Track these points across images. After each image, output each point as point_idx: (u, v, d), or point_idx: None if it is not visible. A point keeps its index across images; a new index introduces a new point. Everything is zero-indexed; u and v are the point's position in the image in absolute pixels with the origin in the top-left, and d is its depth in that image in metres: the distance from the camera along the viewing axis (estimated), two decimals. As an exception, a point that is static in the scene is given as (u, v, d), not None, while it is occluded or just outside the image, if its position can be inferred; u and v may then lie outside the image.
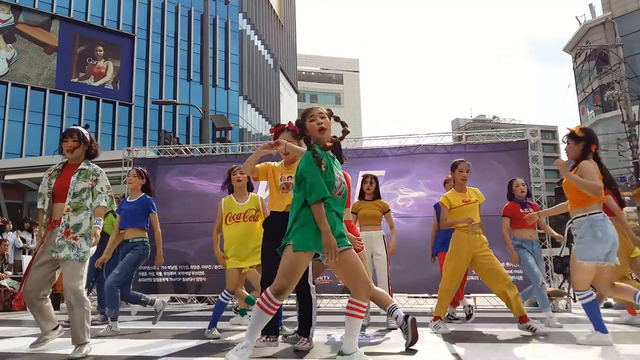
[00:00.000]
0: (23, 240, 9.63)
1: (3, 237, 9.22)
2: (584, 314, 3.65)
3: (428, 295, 7.44)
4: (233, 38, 39.60)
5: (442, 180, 6.17)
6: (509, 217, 5.02)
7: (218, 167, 8.02)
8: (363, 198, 5.34)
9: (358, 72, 79.52)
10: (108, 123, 33.61)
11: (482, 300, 7.19)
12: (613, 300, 6.76)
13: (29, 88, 30.65)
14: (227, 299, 4.45)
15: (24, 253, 9.39)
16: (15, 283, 7.64)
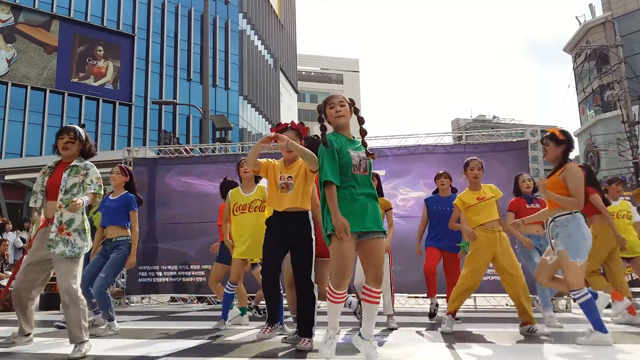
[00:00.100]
0: (23, 240, 9.64)
1: (3, 237, 9.23)
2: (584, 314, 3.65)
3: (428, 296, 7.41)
4: (233, 38, 39.60)
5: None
6: (514, 212, 4.98)
7: (218, 167, 8.02)
8: None
9: (358, 72, 79.44)
10: (108, 123, 33.60)
11: (482, 300, 7.19)
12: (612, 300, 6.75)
13: (29, 88, 30.64)
14: (231, 290, 4.64)
15: (24, 253, 9.38)
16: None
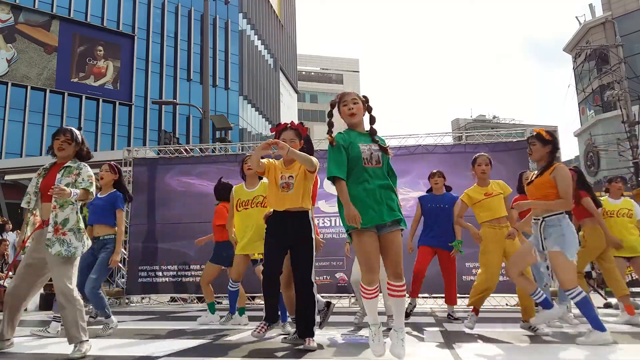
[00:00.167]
0: (23, 240, 9.62)
1: (3, 237, 9.22)
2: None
3: (428, 295, 7.43)
4: (233, 38, 39.61)
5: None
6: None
7: (218, 167, 8.03)
8: None
9: (358, 72, 79.39)
10: (108, 123, 33.61)
11: (482, 300, 7.18)
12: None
13: (29, 88, 30.65)
14: (234, 287, 4.75)
15: (16, 255, 9.36)
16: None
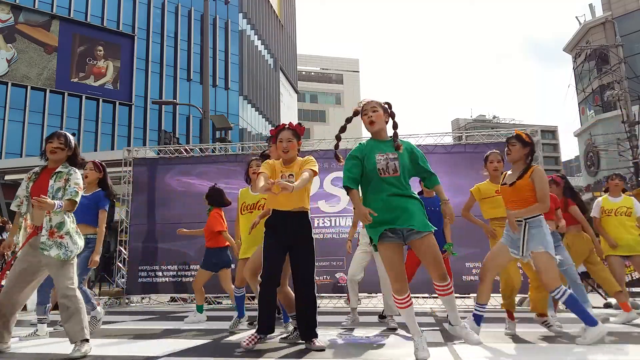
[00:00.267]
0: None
1: (3, 237, 9.22)
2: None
3: (428, 295, 7.43)
4: (233, 38, 39.61)
5: (441, 180, 6.14)
6: None
7: (218, 167, 8.03)
8: None
9: (358, 72, 79.40)
10: (108, 123, 33.61)
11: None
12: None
13: (29, 88, 30.66)
14: (240, 293, 4.77)
15: (8, 261, 9.35)
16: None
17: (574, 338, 3.63)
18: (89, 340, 3.33)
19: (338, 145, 3.25)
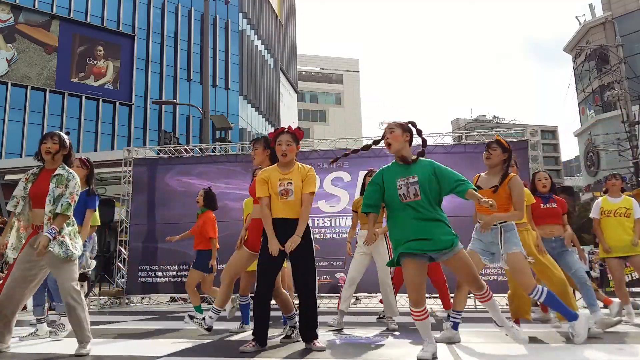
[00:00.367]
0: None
1: (3, 237, 9.22)
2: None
3: (428, 295, 7.42)
4: (233, 38, 39.61)
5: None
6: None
7: (218, 167, 8.03)
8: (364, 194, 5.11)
9: (358, 72, 79.41)
10: (108, 123, 33.62)
11: (482, 300, 7.19)
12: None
13: (29, 88, 30.67)
14: (245, 301, 4.74)
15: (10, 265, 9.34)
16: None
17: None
18: (91, 340, 3.39)
19: (348, 154, 3.36)
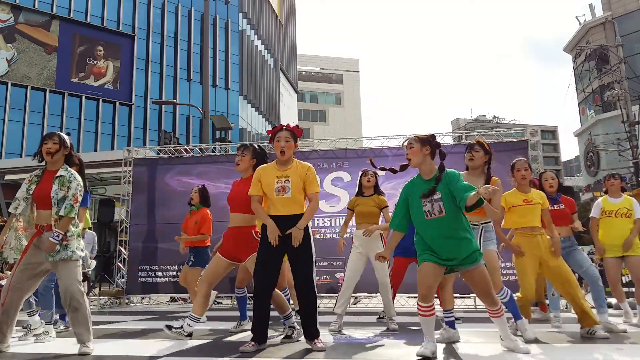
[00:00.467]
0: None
1: (3, 237, 9.22)
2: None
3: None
4: (233, 38, 39.60)
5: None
6: None
7: (218, 167, 8.03)
8: (362, 193, 5.00)
9: (358, 72, 79.38)
10: (108, 123, 33.61)
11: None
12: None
13: (29, 88, 30.65)
14: (242, 293, 4.77)
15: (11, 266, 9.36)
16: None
17: (575, 337, 3.63)
18: (92, 340, 3.43)
19: (385, 169, 3.49)
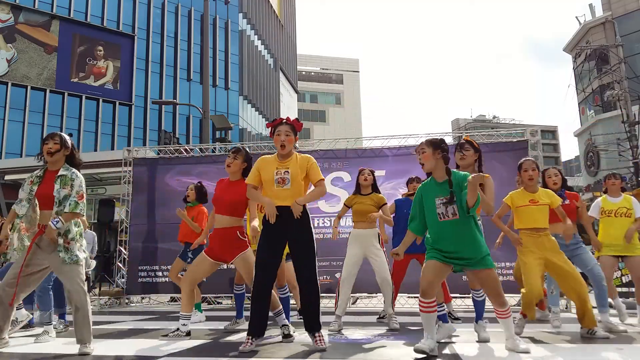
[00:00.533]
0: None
1: (3, 237, 9.21)
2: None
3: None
4: (233, 38, 39.60)
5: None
6: None
7: (218, 167, 8.02)
8: (359, 192, 4.95)
9: (358, 72, 79.35)
10: (108, 123, 33.60)
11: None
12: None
13: (29, 88, 30.64)
14: (239, 290, 4.81)
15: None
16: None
17: (575, 337, 3.63)
18: (92, 340, 3.44)
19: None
